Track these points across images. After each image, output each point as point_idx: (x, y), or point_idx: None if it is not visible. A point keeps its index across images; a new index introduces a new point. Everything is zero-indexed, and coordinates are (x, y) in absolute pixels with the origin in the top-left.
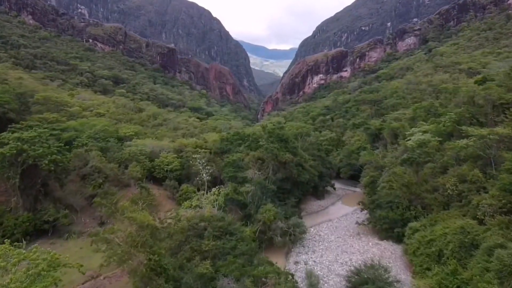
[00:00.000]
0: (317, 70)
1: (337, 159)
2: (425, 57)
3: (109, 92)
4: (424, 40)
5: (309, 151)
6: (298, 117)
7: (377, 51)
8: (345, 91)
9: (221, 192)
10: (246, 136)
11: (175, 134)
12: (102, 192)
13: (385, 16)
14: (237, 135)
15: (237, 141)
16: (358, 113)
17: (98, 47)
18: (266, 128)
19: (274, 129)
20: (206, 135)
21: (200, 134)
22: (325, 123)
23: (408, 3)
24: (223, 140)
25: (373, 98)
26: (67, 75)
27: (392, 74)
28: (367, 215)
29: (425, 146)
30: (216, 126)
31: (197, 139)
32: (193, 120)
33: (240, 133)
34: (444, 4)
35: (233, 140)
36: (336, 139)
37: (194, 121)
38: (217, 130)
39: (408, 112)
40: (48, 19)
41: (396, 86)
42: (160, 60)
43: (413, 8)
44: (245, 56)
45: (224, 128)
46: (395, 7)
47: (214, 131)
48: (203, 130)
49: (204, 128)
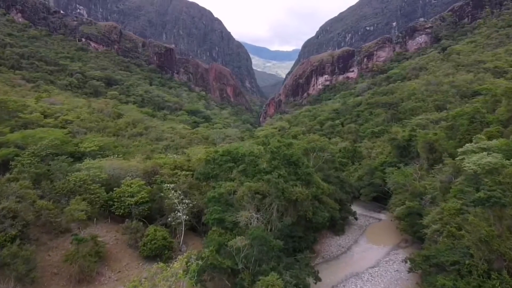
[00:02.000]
0: (322, 70)
1: (354, 175)
2: (440, 56)
3: (100, 94)
4: (436, 38)
5: (324, 171)
6: (303, 122)
7: (385, 50)
8: (352, 93)
9: (196, 256)
10: (240, 156)
11: (154, 147)
12: (14, 250)
13: (390, 15)
14: (228, 155)
15: (227, 164)
16: (371, 118)
17: (91, 47)
18: (268, 146)
19: (279, 148)
20: (192, 150)
21: (187, 146)
22: (334, 128)
23: (414, 3)
24: (209, 162)
25: (388, 101)
26: (55, 76)
27: (404, 74)
28: (411, 263)
29: (496, 173)
30: (208, 135)
31: (181, 154)
32: (182, 127)
33: (232, 152)
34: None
35: (221, 162)
36: (351, 149)
37: (184, 128)
38: (210, 141)
39: (433, 117)
40: (39, 17)
41: (414, 87)
42: (157, 60)
43: (419, 7)
44: (247, 57)
45: (217, 138)
46: (400, 7)
47: (206, 142)
48: (191, 140)
49: (193, 138)
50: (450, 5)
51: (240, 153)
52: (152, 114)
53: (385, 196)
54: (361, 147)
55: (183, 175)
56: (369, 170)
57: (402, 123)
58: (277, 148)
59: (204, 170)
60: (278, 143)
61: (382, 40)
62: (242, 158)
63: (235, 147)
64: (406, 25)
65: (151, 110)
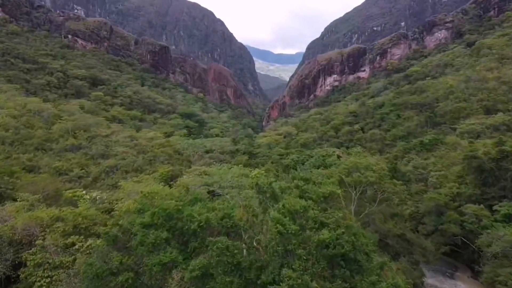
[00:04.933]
0: (331, 70)
1: (403, 212)
2: (467, 52)
3: (83, 95)
4: (458, 33)
5: (377, 225)
6: (313, 126)
7: (400, 47)
8: (366, 94)
9: None
10: (193, 232)
11: (75, 174)
12: None
13: (399, 15)
14: (164, 225)
15: (165, 242)
16: (400, 122)
17: (78, 44)
18: (262, 190)
19: (305, 211)
20: (130, 185)
21: (145, 168)
22: (353, 135)
23: (423, 2)
24: (127, 231)
25: (420, 101)
26: (33, 74)
27: (426, 72)
28: None
29: None
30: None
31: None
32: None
33: (174, 216)
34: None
35: (144, 244)
36: (391, 168)
37: (153, 137)
38: (184, 158)
39: (490, 121)
40: (21, 12)
41: (450, 85)
42: (151, 59)
43: (429, 7)
44: (250, 59)
45: (195, 151)
46: (409, 6)
47: (178, 159)
48: (154, 157)
49: (158, 155)
50: (461, 4)
51: (194, 221)
52: (141, 118)
53: (456, 248)
54: (403, 163)
55: (86, 249)
56: (434, 209)
57: (442, 128)
58: (301, 212)
59: (100, 268)
60: (301, 201)
61: (396, 36)
62: (199, 236)
63: (189, 201)
64: (415, 24)
65: (139, 113)
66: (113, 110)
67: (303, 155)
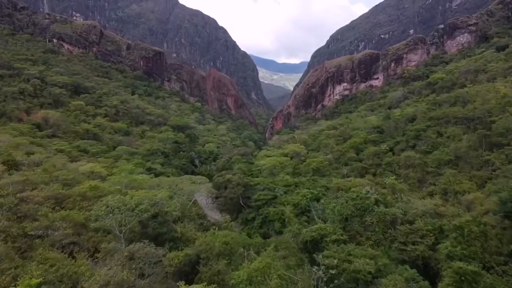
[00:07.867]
0: (340, 78)
1: None
2: (500, 56)
3: (62, 105)
4: (483, 36)
5: None
6: (327, 144)
7: (417, 53)
8: (382, 104)
9: None
10: None
11: None
12: None
13: (407, 23)
14: None
15: None
16: (443, 142)
17: (64, 49)
18: None
19: None
20: None
21: None
22: (381, 158)
23: (433, 8)
24: None
25: (467, 114)
26: (6, 81)
27: (454, 79)
28: None
29: None
30: (112, 206)
31: None
32: (89, 168)
33: None
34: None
35: None
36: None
37: (90, 173)
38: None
39: None
40: (3, 14)
41: (504, 93)
42: (144, 65)
43: (438, 14)
44: (253, 67)
45: (123, 218)
46: (418, 13)
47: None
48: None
49: (52, 227)
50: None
51: None
52: (126, 131)
53: None
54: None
55: None
56: None
57: (505, 151)
58: None
59: None
60: None
61: (413, 41)
62: None
63: None
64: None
65: (125, 125)
66: (93, 122)
67: (317, 187)
